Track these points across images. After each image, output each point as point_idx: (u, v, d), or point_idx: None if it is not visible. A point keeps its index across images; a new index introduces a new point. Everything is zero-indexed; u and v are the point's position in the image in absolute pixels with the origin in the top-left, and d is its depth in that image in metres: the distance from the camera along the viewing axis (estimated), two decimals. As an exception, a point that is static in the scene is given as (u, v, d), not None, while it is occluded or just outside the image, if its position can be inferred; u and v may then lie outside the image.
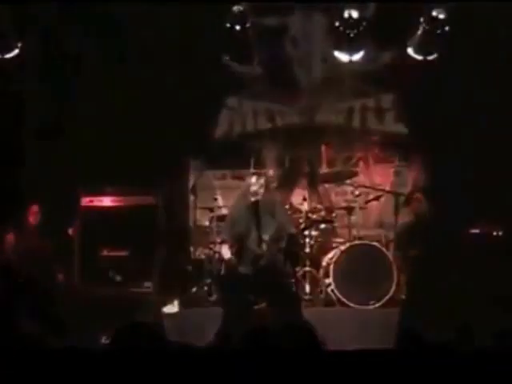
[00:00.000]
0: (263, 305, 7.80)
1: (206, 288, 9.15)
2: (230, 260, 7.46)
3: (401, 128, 10.85)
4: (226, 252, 7.50)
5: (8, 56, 9.14)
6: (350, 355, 4.43)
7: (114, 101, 10.00)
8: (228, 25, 8.98)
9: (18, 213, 8.52)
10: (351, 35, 8.89)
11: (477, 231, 9.16)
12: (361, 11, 8.87)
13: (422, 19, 8.97)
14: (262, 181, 7.37)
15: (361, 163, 10.75)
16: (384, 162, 10.78)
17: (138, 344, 4.17)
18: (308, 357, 4.36)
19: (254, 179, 7.38)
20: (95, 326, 8.43)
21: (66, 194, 9.31)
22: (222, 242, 7.65)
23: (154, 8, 9.21)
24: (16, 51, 9.11)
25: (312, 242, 9.17)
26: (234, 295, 7.25)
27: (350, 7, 8.85)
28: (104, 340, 8.02)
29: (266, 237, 7.23)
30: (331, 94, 10.78)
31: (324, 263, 9.11)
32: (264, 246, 7.22)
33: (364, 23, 8.80)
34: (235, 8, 8.88)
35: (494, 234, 9.12)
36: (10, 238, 8.52)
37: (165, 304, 8.94)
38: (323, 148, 10.64)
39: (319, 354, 4.57)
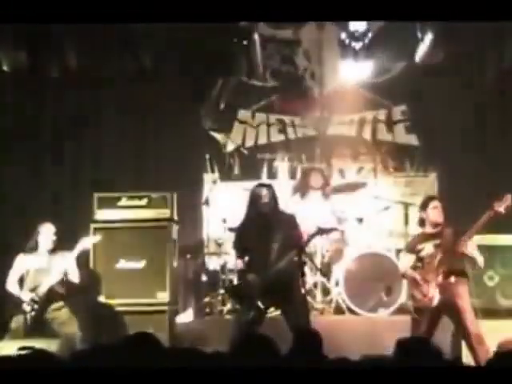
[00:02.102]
0: (275, 313, 7.96)
1: (219, 297, 9.31)
2: (241, 270, 7.60)
3: (411, 139, 10.96)
4: (238, 262, 7.63)
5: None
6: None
7: (128, 113, 10.17)
8: (235, 40, 9.06)
9: (32, 232, 8.61)
10: (357, 48, 8.99)
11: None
12: (369, 23, 8.95)
13: (426, 28, 9.05)
14: (269, 192, 7.47)
15: (372, 174, 10.88)
16: (395, 173, 10.90)
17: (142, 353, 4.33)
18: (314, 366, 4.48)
19: (261, 191, 7.49)
20: (110, 338, 8.58)
21: (81, 207, 9.46)
22: (235, 253, 7.78)
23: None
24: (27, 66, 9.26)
25: (323, 252, 9.33)
26: (246, 304, 7.38)
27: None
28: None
29: (275, 247, 7.33)
30: (343, 105, 10.90)
31: (334, 272, 9.26)
32: (274, 256, 7.33)
33: (369, 35, 8.89)
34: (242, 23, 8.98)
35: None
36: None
37: (179, 314, 9.11)
38: (334, 159, 10.82)
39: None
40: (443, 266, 7.41)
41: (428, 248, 7.51)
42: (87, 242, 8.51)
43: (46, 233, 8.45)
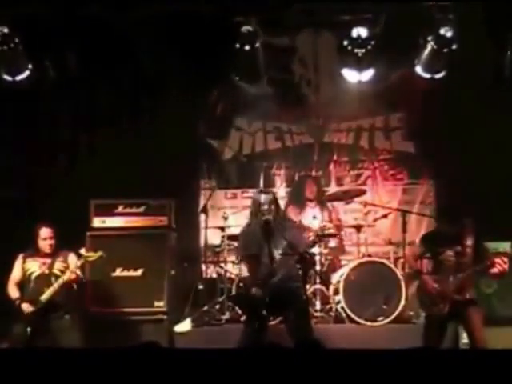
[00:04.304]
0: (277, 321, 7.92)
1: (217, 306, 9.25)
2: (244, 278, 7.59)
3: (408, 146, 10.95)
4: (241, 270, 7.63)
5: (19, 78, 9.21)
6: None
7: (127, 122, 10.15)
8: (237, 45, 9.05)
9: (32, 236, 8.56)
10: (359, 54, 8.95)
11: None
12: (368, 29, 8.93)
13: (429, 37, 9.03)
14: (271, 199, 7.45)
15: (369, 181, 10.86)
16: (392, 180, 10.89)
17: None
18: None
19: (263, 197, 7.46)
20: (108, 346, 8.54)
21: (78, 215, 9.42)
22: (239, 261, 7.76)
23: (167, 24, 9.30)
24: (27, 73, 9.19)
25: (322, 260, 9.29)
26: (250, 312, 7.37)
27: (358, 26, 8.90)
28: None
29: (277, 254, 7.31)
30: (340, 113, 10.88)
31: (334, 281, 9.23)
32: (276, 264, 7.30)
33: (372, 42, 8.85)
34: (244, 28, 8.96)
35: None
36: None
37: (177, 323, 9.06)
38: (332, 166, 10.79)
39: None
40: (460, 280, 7.37)
41: (449, 254, 7.46)
42: (89, 256, 8.45)
43: (45, 237, 8.40)
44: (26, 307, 8.09)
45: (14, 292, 8.32)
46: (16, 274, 8.40)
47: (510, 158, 9.92)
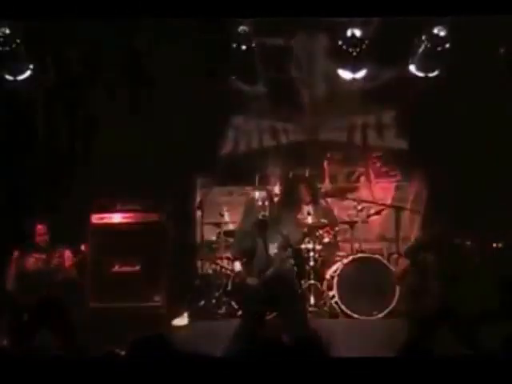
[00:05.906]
0: (273, 315, 8.06)
1: (214, 301, 9.39)
2: (239, 273, 7.72)
3: (401, 144, 11.07)
4: (237, 266, 7.74)
5: (20, 78, 9.31)
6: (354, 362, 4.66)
7: (124, 119, 10.26)
8: (234, 45, 9.18)
9: (27, 232, 8.65)
10: (354, 54, 9.07)
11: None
12: (362, 29, 9.04)
13: (423, 37, 9.13)
14: (266, 196, 7.58)
15: (362, 178, 10.99)
16: (385, 177, 11.01)
17: (152, 355, 4.40)
18: (315, 365, 4.57)
19: (258, 194, 7.59)
20: (106, 340, 8.66)
21: (77, 212, 9.55)
22: (233, 258, 7.88)
23: (162, 26, 9.42)
24: (28, 73, 9.30)
25: (316, 256, 9.42)
26: (244, 307, 7.48)
27: (353, 26, 9.02)
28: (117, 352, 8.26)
29: (272, 250, 7.44)
30: (333, 111, 11.00)
31: (327, 276, 9.35)
32: (271, 260, 7.44)
33: (366, 42, 8.97)
34: (241, 28, 9.10)
35: (495, 245, 9.26)
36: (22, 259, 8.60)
37: (174, 317, 9.20)
38: (325, 164, 10.91)
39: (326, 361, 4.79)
40: (442, 275, 7.53)
41: (429, 257, 7.63)
42: (86, 250, 8.55)
43: (40, 233, 8.48)
44: (25, 302, 8.20)
45: (11, 287, 8.41)
46: (13, 269, 8.49)
47: (502, 158, 10.07)
